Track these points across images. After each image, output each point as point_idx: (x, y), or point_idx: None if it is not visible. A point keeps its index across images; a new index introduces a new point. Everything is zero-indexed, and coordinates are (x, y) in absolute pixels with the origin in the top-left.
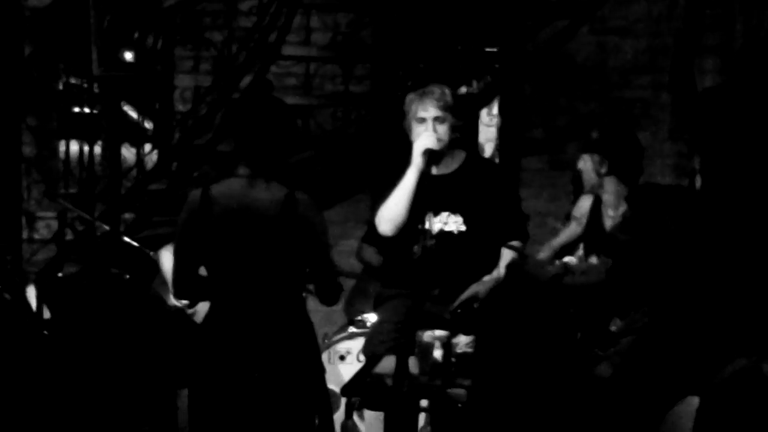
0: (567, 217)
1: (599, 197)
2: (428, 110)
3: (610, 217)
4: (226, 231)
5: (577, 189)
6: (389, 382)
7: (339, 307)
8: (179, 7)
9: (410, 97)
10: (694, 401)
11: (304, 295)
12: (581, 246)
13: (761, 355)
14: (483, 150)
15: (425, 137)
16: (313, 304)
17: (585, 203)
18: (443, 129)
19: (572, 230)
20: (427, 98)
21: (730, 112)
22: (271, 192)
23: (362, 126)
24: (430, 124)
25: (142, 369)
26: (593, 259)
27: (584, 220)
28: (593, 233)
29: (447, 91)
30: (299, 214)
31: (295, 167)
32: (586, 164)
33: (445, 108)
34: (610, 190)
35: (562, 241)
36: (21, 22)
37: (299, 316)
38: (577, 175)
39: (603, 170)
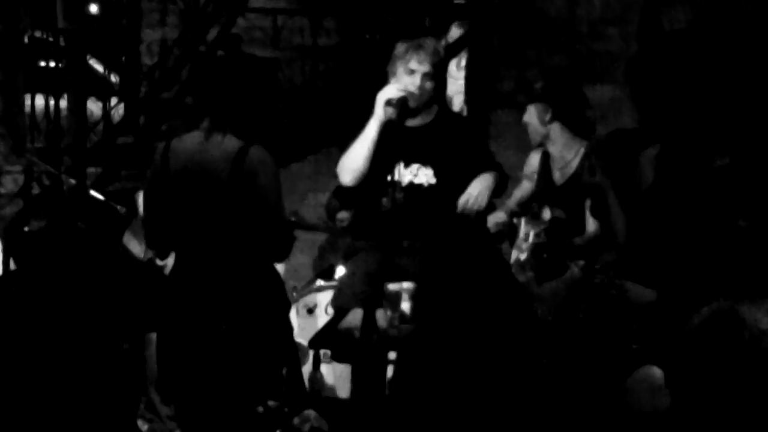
0: None
1: (547, 152)
2: (422, 64)
3: (559, 170)
4: (183, 185)
5: None
6: (357, 334)
7: (309, 260)
8: None
9: (403, 46)
10: (653, 370)
11: None
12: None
13: (737, 298)
14: (451, 103)
15: (388, 88)
16: None
17: (533, 159)
18: (430, 85)
19: (524, 188)
20: (423, 51)
21: (696, 59)
22: (225, 146)
23: (331, 79)
24: (418, 77)
25: (109, 319)
26: (546, 212)
27: (535, 176)
28: (544, 188)
29: (439, 46)
30: (247, 169)
31: (260, 121)
32: (531, 116)
33: (436, 63)
34: (557, 138)
35: (516, 199)
36: None
37: (264, 268)
38: (524, 129)
39: (547, 117)
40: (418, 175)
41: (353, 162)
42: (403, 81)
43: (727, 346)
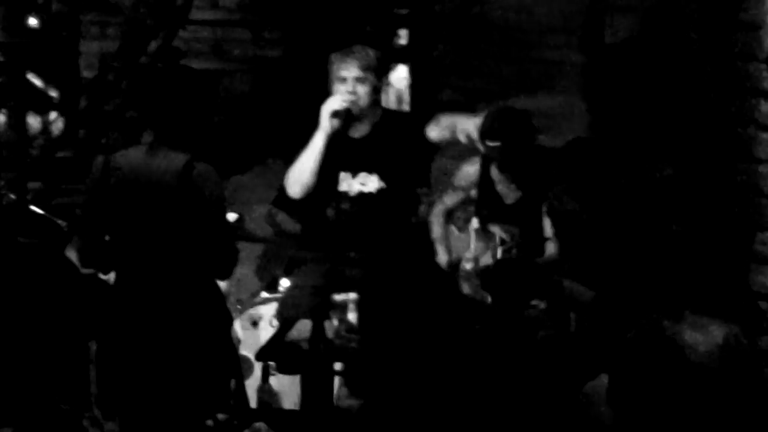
0: None
1: (488, 165)
2: (350, 70)
3: (506, 187)
4: (125, 200)
5: None
6: (305, 345)
7: (251, 271)
8: None
9: (333, 56)
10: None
11: None
12: (475, 219)
13: (661, 313)
14: None
15: (333, 99)
16: None
17: (469, 170)
18: (364, 90)
19: (454, 197)
20: (349, 58)
21: (638, 67)
22: (169, 160)
23: (273, 90)
24: (350, 84)
25: (51, 333)
26: (495, 229)
27: (472, 190)
28: (491, 205)
29: (370, 51)
30: (192, 184)
31: (203, 133)
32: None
33: (366, 68)
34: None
35: (444, 208)
36: None
37: (204, 283)
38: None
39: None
40: (366, 183)
41: (301, 174)
42: (339, 90)
43: (655, 360)
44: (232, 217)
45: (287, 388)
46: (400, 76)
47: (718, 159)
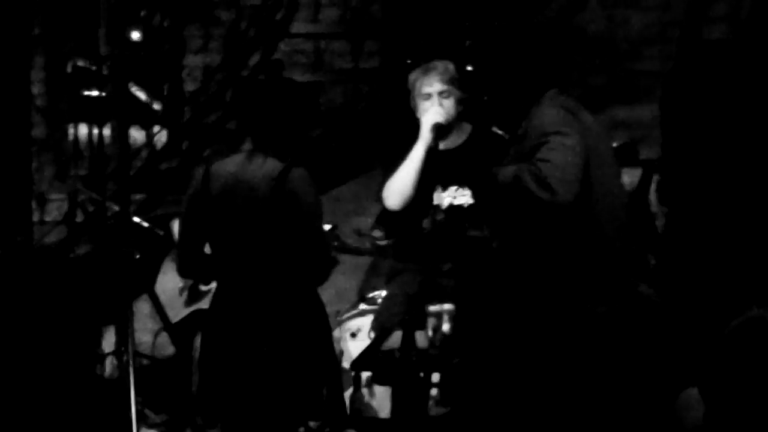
0: None
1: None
2: (433, 85)
3: None
4: (224, 208)
5: None
6: (397, 355)
7: (352, 284)
8: None
9: (414, 74)
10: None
11: None
12: None
13: (762, 305)
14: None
15: (433, 112)
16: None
17: None
18: (449, 103)
19: None
20: (431, 73)
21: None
22: (266, 167)
23: (372, 102)
24: (435, 99)
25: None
26: None
27: None
28: None
29: (450, 65)
30: (288, 190)
31: (301, 143)
32: None
33: (449, 82)
34: None
35: None
36: (30, 4)
37: (305, 292)
38: None
39: None
40: (456, 197)
41: (400, 186)
42: (423, 107)
43: (762, 354)
44: (326, 227)
45: (382, 398)
46: None
47: None
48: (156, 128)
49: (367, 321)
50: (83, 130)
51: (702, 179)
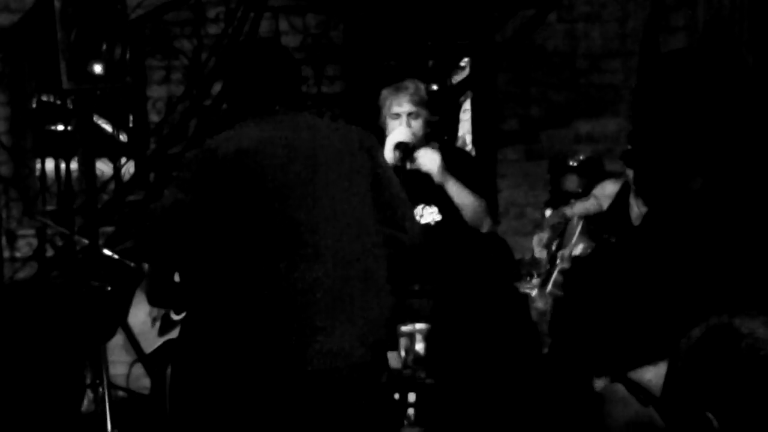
0: (546, 204)
1: (629, 184)
2: (402, 105)
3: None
4: (266, 189)
5: (555, 175)
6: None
7: None
8: (147, 18)
9: (384, 92)
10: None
11: None
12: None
13: (733, 312)
14: (465, 142)
15: (397, 132)
16: None
17: (611, 187)
18: (417, 124)
19: (589, 205)
20: (401, 93)
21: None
22: (323, 125)
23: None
24: (404, 119)
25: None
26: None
27: (607, 202)
28: (620, 222)
29: (421, 85)
30: (368, 144)
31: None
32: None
33: (419, 103)
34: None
35: (576, 211)
36: None
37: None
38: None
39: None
40: (423, 215)
41: None
42: (392, 126)
43: (727, 359)
44: None
45: None
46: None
47: None
48: (123, 160)
49: None
50: (49, 165)
51: (673, 189)
